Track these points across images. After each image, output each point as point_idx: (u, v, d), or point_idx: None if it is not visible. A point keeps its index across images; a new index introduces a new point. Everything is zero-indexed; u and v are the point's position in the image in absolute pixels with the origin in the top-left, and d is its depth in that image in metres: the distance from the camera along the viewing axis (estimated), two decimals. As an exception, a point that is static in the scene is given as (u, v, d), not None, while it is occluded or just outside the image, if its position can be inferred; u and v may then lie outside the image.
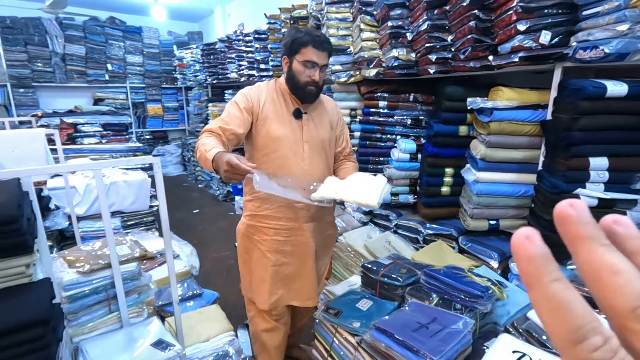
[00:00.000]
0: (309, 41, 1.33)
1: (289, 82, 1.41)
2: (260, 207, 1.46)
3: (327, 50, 1.36)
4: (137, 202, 2.86)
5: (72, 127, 2.96)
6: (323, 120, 1.49)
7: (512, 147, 1.56)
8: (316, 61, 1.34)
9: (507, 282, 1.46)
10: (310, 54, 1.34)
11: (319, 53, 1.34)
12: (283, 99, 1.43)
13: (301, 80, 1.36)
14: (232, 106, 1.38)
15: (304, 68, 1.35)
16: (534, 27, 1.32)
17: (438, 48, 1.72)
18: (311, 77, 1.35)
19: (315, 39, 1.34)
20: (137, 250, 1.42)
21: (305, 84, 1.37)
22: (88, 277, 1.28)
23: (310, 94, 1.40)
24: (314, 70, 1.35)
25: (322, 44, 1.35)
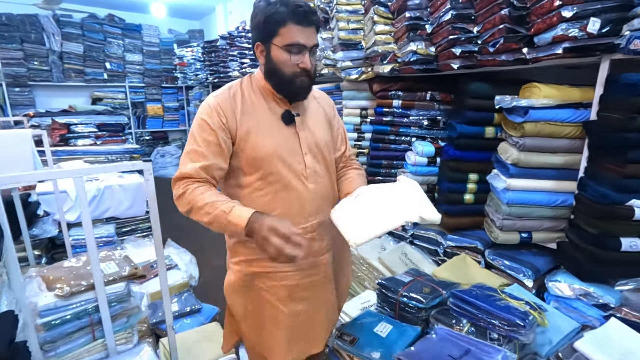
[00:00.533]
0: (287, 16, 0.96)
1: (270, 77, 1.05)
2: (256, 249, 1.04)
3: (314, 24, 1.01)
4: (133, 207, 2.70)
5: (65, 127, 2.81)
6: (320, 119, 1.17)
7: (550, 151, 1.39)
8: (303, 42, 0.98)
9: (545, 305, 1.29)
10: (293, 33, 0.97)
11: (305, 30, 0.98)
12: (264, 101, 1.07)
13: (287, 71, 1.00)
14: (202, 128, 1.00)
15: (288, 55, 0.98)
16: (581, 14, 1.15)
17: (463, 40, 1.54)
18: (300, 65, 0.99)
19: (296, 10, 0.96)
20: (127, 267, 1.26)
21: (293, 76, 1.00)
22: (68, 300, 1.11)
23: (303, 88, 1.05)
24: (302, 55, 0.99)
25: (307, 17, 0.98)
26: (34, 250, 2.14)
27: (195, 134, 1.01)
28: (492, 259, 1.54)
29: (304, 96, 1.09)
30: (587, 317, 1.24)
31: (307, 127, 1.11)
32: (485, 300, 1.20)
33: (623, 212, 1.15)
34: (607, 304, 1.20)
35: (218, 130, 0.99)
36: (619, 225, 1.17)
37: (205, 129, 1.00)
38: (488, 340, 1.12)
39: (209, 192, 0.96)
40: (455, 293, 1.25)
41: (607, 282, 1.25)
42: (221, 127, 1.00)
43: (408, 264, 1.75)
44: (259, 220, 0.89)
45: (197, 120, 1.02)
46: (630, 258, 1.17)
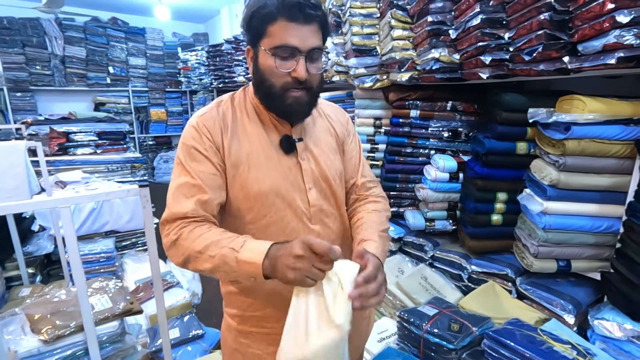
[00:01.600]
0: (277, 10, 0.74)
1: (257, 90, 0.84)
2: (253, 304, 0.88)
3: (314, 21, 0.76)
4: (133, 221, 2.58)
5: (64, 136, 2.70)
6: (328, 144, 0.93)
7: (595, 172, 1.24)
8: (295, 45, 0.75)
9: (593, 348, 1.14)
10: (283, 33, 0.75)
11: (300, 28, 0.75)
12: (260, 123, 0.86)
13: (276, 84, 0.78)
14: (190, 156, 0.80)
15: (277, 60, 0.76)
16: (638, 19, 1.01)
17: (493, 47, 1.40)
18: (292, 75, 0.76)
19: (287, 2, 0.73)
20: (121, 303, 1.12)
21: (283, 89, 0.78)
22: (53, 345, 0.98)
23: (298, 105, 0.80)
24: (294, 60, 0.76)
25: (302, 10, 0.74)
26: (28, 269, 2.02)
27: (184, 164, 0.80)
28: (524, 288, 1.40)
29: (300, 116, 0.85)
30: (642, 363, 1.09)
31: (311, 155, 0.88)
32: (526, 344, 1.06)
33: (687, 246, 1.00)
34: (666, 350, 1.05)
35: (211, 155, 0.80)
36: (681, 261, 1.02)
37: (196, 156, 0.79)
38: (533, 394, 0.98)
39: (212, 231, 0.74)
40: (491, 334, 1.11)
41: (663, 322, 1.10)
42: (213, 150, 0.80)
43: (429, 289, 1.60)
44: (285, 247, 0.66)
45: (183, 147, 0.82)
46: (696, 298, 1.02)
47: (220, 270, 0.72)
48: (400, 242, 1.93)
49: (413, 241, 1.85)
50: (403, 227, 1.96)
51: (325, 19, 0.80)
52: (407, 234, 1.91)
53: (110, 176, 2.74)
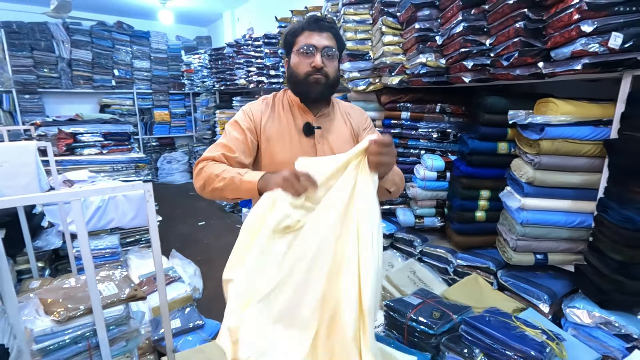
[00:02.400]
0: (303, 27, 1.09)
1: (291, 84, 1.14)
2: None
3: (326, 30, 1.09)
4: (137, 218, 2.67)
5: (71, 136, 2.81)
6: (343, 135, 1.17)
7: (568, 170, 1.32)
8: (313, 43, 1.07)
9: (564, 333, 1.22)
10: (305, 38, 1.08)
11: (315, 34, 1.08)
12: (291, 113, 1.15)
13: (300, 72, 1.08)
14: (233, 127, 1.11)
15: (301, 57, 1.08)
16: (601, 29, 1.09)
17: (475, 53, 1.49)
18: (312, 65, 1.06)
19: (309, 20, 1.09)
20: (126, 289, 1.22)
21: (306, 75, 1.08)
22: (65, 325, 1.07)
23: (317, 85, 1.08)
24: (313, 55, 1.07)
25: (318, 23, 1.08)
26: (38, 263, 2.12)
27: (227, 131, 1.11)
28: (505, 280, 1.48)
29: (320, 95, 1.11)
30: (608, 347, 1.17)
31: (326, 141, 1.14)
32: (500, 329, 1.14)
33: (650, 238, 1.08)
34: (629, 335, 1.13)
35: (247, 131, 1.09)
36: (645, 252, 1.10)
37: (237, 128, 1.10)
38: (503, 374, 1.06)
39: (227, 167, 1.01)
40: (468, 320, 1.19)
41: (631, 311, 1.18)
42: (250, 129, 1.10)
43: (417, 282, 1.69)
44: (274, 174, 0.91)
45: (231, 121, 1.13)
46: (657, 287, 1.10)
47: (228, 188, 0.97)
48: (392, 238, 2.02)
49: (403, 237, 1.93)
50: (394, 224, 2.04)
51: (337, 32, 1.12)
52: (398, 231, 1.99)
53: (115, 175, 2.84)
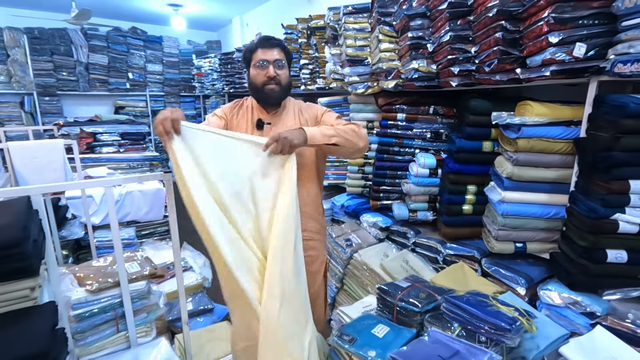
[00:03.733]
0: (256, 45, 1.39)
1: (251, 91, 1.44)
2: None
3: (275, 47, 1.38)
4: (151, 212, 2.85)
5: (91, 136, 3.01)
6: (289, 127, 1.40)
7: (543, 166, 1.46)
8: (266, 58, 1.36)
9: (536, 312, 1.35)
10: (259, 54, 1.37)
11: (267, 50, 1.36)
12: (251, 113, 1.46)
13: (258, 82, 1.38)
14: (212, 115, 1.46)
15: (257, 70, 1.37)
16: (567, 39, 1.23)
17: (461, 60, 1.64)
18: (266, 75, 1.35)
19: (261, 39, 1.39)
20: (147, 267, 1.39)
21: (262, 84, 1.37)
22: (96, 295, 1.25)
23: (273, 92, 1.38)
24: (266, 67, 1.36)
25: (268, 41, 1.38)
26: (62, 251, 2.31)
27: (207, 119, 1.46)
28: (488, 267, 1.61)
29: (275, 100, 1.41)
30: (575, 324, 1.30)
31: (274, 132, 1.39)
32: (476, 306, 1.28)
33: (609, 225, 1.21)
34: (594, 313, 1.26)
35: (220, 118, 1.43)
36: (605, 239, 1.23)
37: (214, 116, 1.45)
38: (477, 343, 1.20)
39: None
40: (449, 298, 1.33)
41: (596, 292, 1.31)
42: (223, 117, 1.44)
43: (409, 270, 1.83)
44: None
45: (211, 114, 1.48)
46: (616, 269, 1.23)
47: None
48: (388, 230, 2.16)
49: (398, 229, 2.08)
50: (390, 217, 2.19)
51: (284, 47, 1.42)
52: (393, 224, 2.14)
53: (131, 172, 3.04)
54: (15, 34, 4.96)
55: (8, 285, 0.87)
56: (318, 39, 2.79)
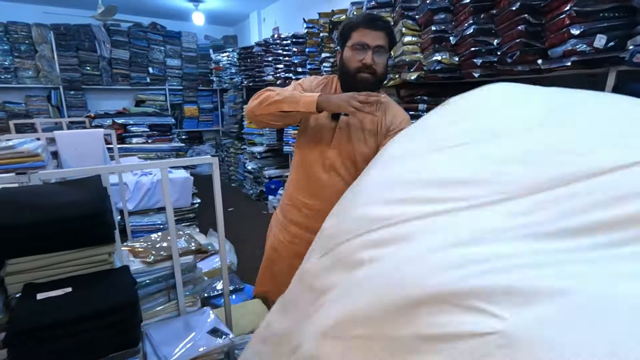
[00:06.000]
0: (359, 22, 1.16)
1: (340, 76, 1.26)
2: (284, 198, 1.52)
3: (382, 29, 1.16)
4: (180, 200, 3.01)
5: (122, 127, 3.17)
6: (367, 129, 1.25)
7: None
8: (367, 42, 1.14)
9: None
10: (360, 35, 1.15)
11: (371, 32, 1.14)
12: (334, 94, 1.26)
13: (351, 67, 1.17)
14: (293, 85, 1.31)
15: (353, 52, 1.16)
16: (588, 31, 1.31)
17: (483, 52, 1.72)
18: (361, 61, 1.15)
19: (366, 17, 1.17)
20: (193, 244, 1.52)
21: (355, 70, 1.17)
22: (152, 267, 1.38)
23: (364, 82, 1.17)
24: (365, 52, 1.14)
25: (375, 22, 1.15)
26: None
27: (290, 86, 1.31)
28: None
29: (365, 90, 1.15)
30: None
31: (348, 129, 1.26)
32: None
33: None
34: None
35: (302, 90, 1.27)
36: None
37: (296, 86, 1.30)
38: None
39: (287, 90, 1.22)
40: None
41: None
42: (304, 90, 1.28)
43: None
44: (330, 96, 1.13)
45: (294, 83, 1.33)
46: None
47: (287, 100, 1.14)
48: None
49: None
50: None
51: (391, 31, 1.20)
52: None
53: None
54: (43, 31, 5.16)
55: (93, 249, 1.00)
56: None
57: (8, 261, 0.90)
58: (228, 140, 5.76)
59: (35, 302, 0.84)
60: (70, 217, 0.91)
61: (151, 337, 1.30)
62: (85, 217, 0.95)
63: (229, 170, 5.79)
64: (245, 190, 5.08)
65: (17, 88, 5.20)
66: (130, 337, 0.90)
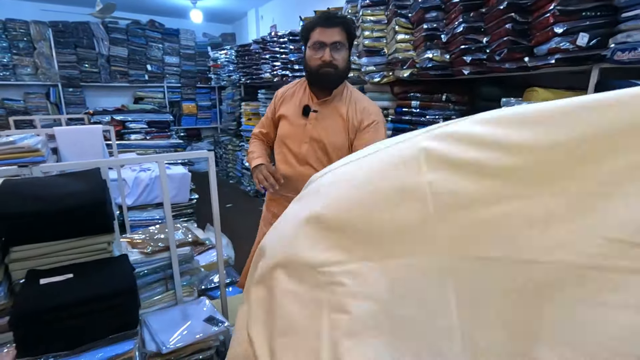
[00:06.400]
0: (316, 22, 1.26)
1: (306, 73, 1.36)
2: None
3: (337, 25, 1.24)
4: (178, 195, 3.06)
5: (120, 124, 3.21)
6: (334, 123, 1.35)
7: (547, 147, 1.59)
8: (323, 40, 1.24)
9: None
10: (317, 34, 1.25)
11: (327, 30, 1.24)
12: (302, 95, 1.41)
13: (312, 65, 1.28)
14: (267, 108, 1.56)
15: (313, 51, 1.27)
16: (571, 30, 1.36)
17: (473, 50, 1.76)
18: (321, 58, 1.25)
19: (322, 16, 1.27)
20: (190, 236, 1.57)
21: (317, 67, 1.27)
22: (150, 257, 1.43)
23: (326, 77, 1.28)
24: (323, 50, 1.25)
25: (330, 19, 1.25)
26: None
27: (267, 108, 1.55)
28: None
29: (329, 85, 1.33)
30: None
31: (318, 125, 1.37)
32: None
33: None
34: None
35: (270, 112, 1.52)
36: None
37: (268, 108, 1.54)
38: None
39: (257, 146, 1.53)
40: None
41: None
42: (272, 110, 1.51)
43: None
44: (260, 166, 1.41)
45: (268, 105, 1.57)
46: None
47: (248, 159, 1.51)
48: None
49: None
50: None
51: (347, 25, 1.29)
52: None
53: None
54: (41, 28, 5.17)
55: (92, 238, 1.05)
56: (335, 30, 2.92)
57: (12, 248, 0.95)
58: (226, 138, 5.80)
59: (38, 286, 0.88)
60: (71, 207, 0.95)
61: (149, 324, 1.35)
62: (86, 207, 1.00)
63: (227, 167, 5.83)
64: (243, 187, 5.13)
65: (16, 85, 5.23)
66: (129, 320, 0.95)
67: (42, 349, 0.80)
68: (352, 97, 1.38)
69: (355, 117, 1.34)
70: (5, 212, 0.88)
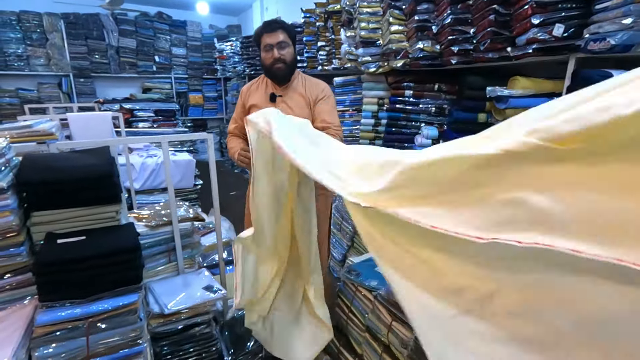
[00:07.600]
0: (261, 30, 1.62)
1: (263, 70, 1.71)
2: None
3: (277, 30, 1.59)
4: (183, 181, 3.20)
5: (129, 112, 3.35)
6: (298, 101, 1.69)
7: (526, 133, 1.67)
8: (270, 42, 1.59)
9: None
10: (265, 39, 1.61)
11: (270, 34, 1.59)
12: (265, 87, 1.74)
13: (267, 64, 1.64)
14: (236, 105, 1.82)
15: (265, 53, 1.63)
16: (547, 21, 1.43)
17: (460, 40, 1.84)
18: (272, 57, 1.60)
19: (264, 24, 1.63)
20: (191, 212, 1.70)
21: (270, 65, 1.63)
22: (154, 230, 1.57)
23: (279, 71, 1.63)
24: (272, 50, 1.60)
25: (270, 26, 1.61)
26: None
27: (237, 105, 1.83)
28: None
29: (282, 79, 1.67)
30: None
31: (284, 105, 1.69)
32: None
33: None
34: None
35: (240, 104, 1.80)
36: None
37: (238, 102, 1.81)
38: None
39: (232, 141, 1.79)
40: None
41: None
42: (241, 102, 1.79)
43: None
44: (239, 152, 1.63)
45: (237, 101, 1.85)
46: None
47: (230, 154, 1.76)
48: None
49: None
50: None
51: (287, 27, 1.65)
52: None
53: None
54: (54, 19, 5.33)
55: (102, 207, 1.18)
56: (334, 22, 3.00)
57: (33, 213, 1.08)
58: (231, 128, 5.93)
59: (56, 245, 1.02)
60: (83, 177, 1.08)
61: (153, 290, 1.49)
62: (97, 179, 1.13)
63: (232, 156, 5.97)
64: (248, 176, 5.26)
65: (30, 75, 5.41)
66: (133, 275, 1.08)
67: (59, 294, 0.93)
68: (305, 80, 1.75)
69: (311, 93, 1.71)
70: (27, 179, 1.01)
